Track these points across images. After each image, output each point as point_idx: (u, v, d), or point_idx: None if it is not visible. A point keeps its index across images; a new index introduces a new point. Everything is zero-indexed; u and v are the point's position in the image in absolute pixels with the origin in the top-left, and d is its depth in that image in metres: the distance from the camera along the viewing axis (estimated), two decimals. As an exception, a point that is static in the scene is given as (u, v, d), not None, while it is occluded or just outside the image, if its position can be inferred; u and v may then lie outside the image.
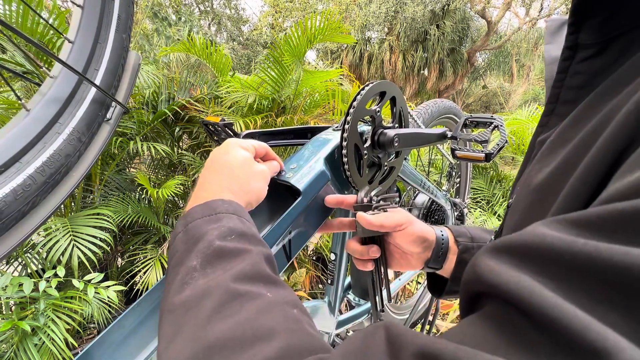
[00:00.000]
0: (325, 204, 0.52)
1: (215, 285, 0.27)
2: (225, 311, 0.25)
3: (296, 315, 0.26)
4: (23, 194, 0.44)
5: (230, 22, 10.34)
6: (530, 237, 0.18)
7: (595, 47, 0.27)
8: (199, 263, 0.29)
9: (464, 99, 11.06)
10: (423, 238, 0.50)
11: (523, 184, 0.30)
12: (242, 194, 0.39)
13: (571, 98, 0.29)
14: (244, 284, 0.27)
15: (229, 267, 0.29)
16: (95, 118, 0.54)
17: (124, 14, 0.58)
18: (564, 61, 0.29)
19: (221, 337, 0.23)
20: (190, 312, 0.26)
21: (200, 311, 0.25)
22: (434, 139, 0.60)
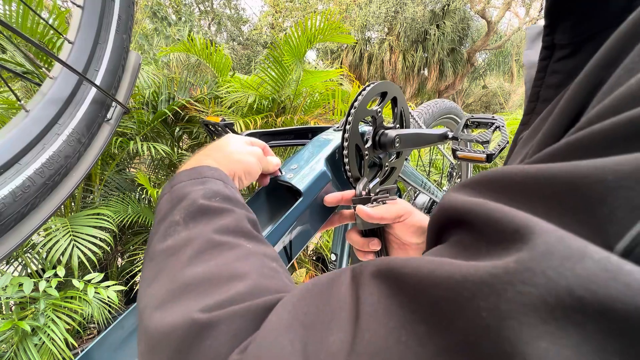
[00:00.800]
0: (325, 204, 0.52)
1: (196, 235, 0.28)
2: (204, 256, 0.26)
3: (274, 267, 0.27)
4: (22, 195, 0.44)
5: (230, 22, 10.33)
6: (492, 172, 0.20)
7: (569, 47, 0.28)
8: (182, 218, 0.30)
9: (464, 99, 11.06)
10: (423, 229, 0.51)
11: None
12: (229, 163, 0.41)
13: (550, 96, 0.30)
14: (225, 235, 0.28)
15: (211, 223, 0.30)
16: (95, 118, 0.54)
17: (124, 15, 0.58)
18: (542, 61, 0.31)
19: (197, 277, 0.24)
20: (170, 258, 0.27)
21: (180, 256, 0.26)
22: (435, 140, 0.60)
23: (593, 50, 0.26)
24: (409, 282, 0.16)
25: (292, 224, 0.48)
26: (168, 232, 0.29)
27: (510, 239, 0.14)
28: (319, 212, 0.52)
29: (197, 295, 0.23)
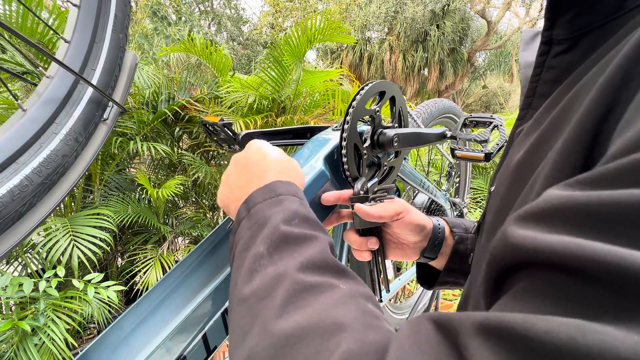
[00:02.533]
0: (322, 202, 0.51)
1: (284, 273, 0.26)
2: (298, 302, 0.24)
3: (372, 310, 0.25)
4: (20, 194, 0.44)
5: (230, 22, 10.34)
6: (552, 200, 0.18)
7: (567, 42, 0.29)
8: (265, 249, 0.29)
9: (464, 99, 11.06)
10: (421, 226, 0.51)
11: (503, 170, 0.32)
12: (294, 176, 0.39)
13: (546, 92, 0.31)
14: (313, 273, 0.27)
15: (296, 254, 0.28)
16: (92, 118, 0.54)
17: (121, 14, 0.58)
18: (540, 56, 0.32)
19: (297, 327, 0.22)
20: (262, 301, 0.25)
21: (273, 301, 0.24)
22: (433, 139, 0.60)
23: (588, 46, 0.28)
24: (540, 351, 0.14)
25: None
26: (254, 267, 0.28)
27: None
28: (317, 211, 0.52)
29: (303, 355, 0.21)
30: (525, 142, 0.29)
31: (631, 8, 0.25)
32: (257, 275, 0.27)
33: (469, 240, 0.53)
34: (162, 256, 2.07)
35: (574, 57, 0.29)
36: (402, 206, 0.50)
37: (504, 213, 0.29)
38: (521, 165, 0.28)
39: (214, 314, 0.40)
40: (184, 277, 0.41)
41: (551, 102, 0.29)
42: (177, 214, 2.62)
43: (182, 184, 2.25)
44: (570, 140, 0.22)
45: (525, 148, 0.28)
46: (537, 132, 0.27)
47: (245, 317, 0.25)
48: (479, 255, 0.35)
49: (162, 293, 0.40)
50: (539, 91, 0.32)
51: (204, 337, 0.39)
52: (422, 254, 0.53)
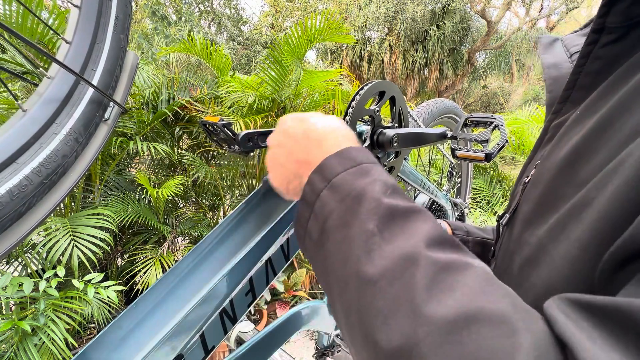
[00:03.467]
0: None
1: (413, 251, 0.24)
2: (442, 284, 0.22)
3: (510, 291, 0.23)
4: (19, 194, 0.44)
5: (230, 22, 10.34)
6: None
7: (618, 31, 0.29)
8: (375, 226, 0.26)
9: (464, 99, 11.06)
10: None
11: (544, 160, 0.32)
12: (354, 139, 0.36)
13: (588, 83, 0.31)
14: (441, 251, 0.25)
15: (412, 231, 0.26)
16: (92, 118, 0.54)
17: (122, 15, 0.58)
18: (588, 45, 0.31)
19: (459, 313, 0.20)
20: (397, 283, 0.23)
21: (413, 283, 0.22)
22: (434, 139, 0.60)
23: (637, 38, 0.28)
24: None
25: (289, 223, 0.48)
26: (368, 246, 0.26)
27: None
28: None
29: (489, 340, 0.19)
30: (576, 130, 0.29)
31: None
32: (376, 255, 0.25)
33: (470, 243, 0.53)
34: (162, 256, 2.07)
35: (622, 48, 0.29)
36: None
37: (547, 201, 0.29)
38: (575, 151, 0.28)
39: (212, 313, 0.40)
40: (183, 277, 0.41)
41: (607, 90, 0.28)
42: (177, 214, 2.62)
43: (182, 184, 2.25)
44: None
45: (580, 135, 0.28)
46: (594, 119, 0.27)
47: (380, 300, 0.23)
48: (511, 245, 0.34)
49: (161, 293, 0.40)
50: (580, 83, 0.32)
51: (202, 337, 0.39)
52: None
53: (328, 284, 0.29)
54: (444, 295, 0.22)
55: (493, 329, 0.19)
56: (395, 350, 0.21)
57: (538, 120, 3.32)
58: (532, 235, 0.29)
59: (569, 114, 0.33)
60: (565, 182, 0.27)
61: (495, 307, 0.20)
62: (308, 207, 0.32)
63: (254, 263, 0.44)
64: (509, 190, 3.59)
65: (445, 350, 0.19)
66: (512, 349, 0.18)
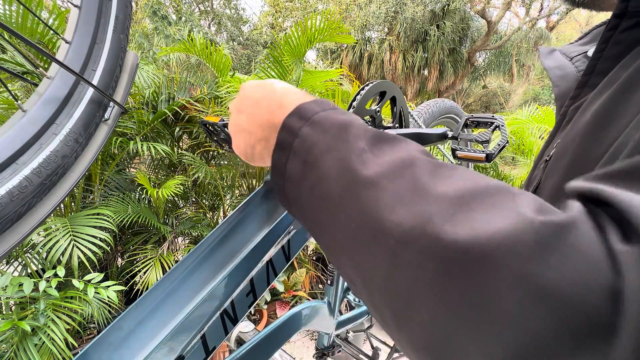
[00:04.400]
0: None
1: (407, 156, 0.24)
2: (443, 174, 0.22)
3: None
4: (19, 195, 0.43)
5: (230, 22, 10.33)
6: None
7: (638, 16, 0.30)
8: (365, 145, 0.26)
9: (464, 99, 11.06)
10: None
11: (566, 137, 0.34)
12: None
13: (607, 68, 0.32)
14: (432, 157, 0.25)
15: (401, 147, 0.26)
16: (92, 119, 0.54)
17: (122, 15, 0.58)
18: (609, 31, 0.32)
19: (463, 188, 0.20)
20: (397, 180, 0.22)
21: (414, 177, 0.22)
22: (434, 139, 0.60)
23: None
24: None
25: (290, 223, 0.47)
26: (361, 158, 0.25)
27: None
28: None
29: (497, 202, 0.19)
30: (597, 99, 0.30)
31: None
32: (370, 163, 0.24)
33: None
34: (162, 256, 2.07)
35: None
36: None
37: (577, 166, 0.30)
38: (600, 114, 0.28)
39: (213, 314, 0.40)
40: (184, 278, 0.41)
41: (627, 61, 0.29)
42: (177, 214, 2.62)
43: (182, 184, 2.24)
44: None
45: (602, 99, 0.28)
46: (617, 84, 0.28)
47: (383, 197, 0.22)
48: None
49: (161, 293, 0.39)
50: (599, 68, 0.33)
51: (202, 338, 0.39)
52: None
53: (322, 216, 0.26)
54: (446, 180, 0.22)
55: (497, 197, 0.20)
56: (407, 232, 0.20)
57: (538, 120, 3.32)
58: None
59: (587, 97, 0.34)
60: (596, 143, 0.28)
61: (496, 184, 0.21)
62: (284, 150, 0.30)
63: (255, 264, 0.44)
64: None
65: (457, 218, 0.19)
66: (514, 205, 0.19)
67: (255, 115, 0.34)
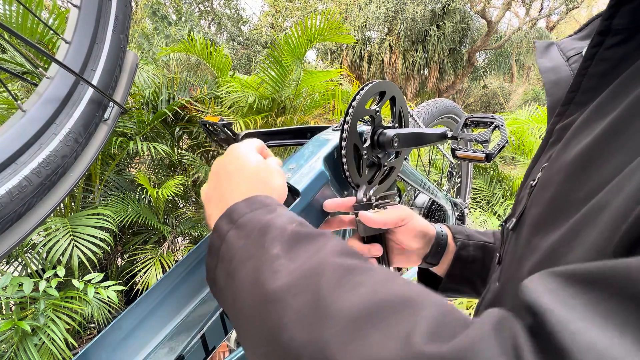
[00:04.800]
0: (324, 209, 0.51)
1: (318, 263, 0.24)
2: (348, 283, 0.22)
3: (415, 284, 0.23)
4: (19, 195, 0.43)
5: (230, 22, 10.34)
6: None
7: (624, 33, 0.29)
8: (280, 250, 0.27)
9: (464, 99, 11.06)
10: (424, 233, 0.52)
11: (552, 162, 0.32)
12: (269, 192, 0.37)
13: (593, 85, 0.31)
14: (349, 258, 0.25)
15: (317, 249, 0.26)
16: (92, 119, 0.54)
17: (122, 14, 0.58)
18: (593, 48, 0.31)
19: (363, 306, 0.20)
20: (302, 294, 0.23)
21: (318, 290, 0.23)
22: (434, 139, 0.60)
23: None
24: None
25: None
26: (274, 268, 0.26)
27: None
28: (317, 211, 0.52)
29: (392, 325, 0.19)
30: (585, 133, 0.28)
31: None
32: (282, 274, 0.25)
33: (471, 247, 0.53)
34: (162, 256, 2.07)
35: (627, 50, 0.28)
36: (405, 212, 0.50)
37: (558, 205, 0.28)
38: (586, 155, 0.27)
39: (213, 314, 0.40)
40: (184, 277, 0.41)
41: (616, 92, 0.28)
42: (177, 214, 2.62)
43: (182, 184, 2.24)
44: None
45: (591, 138, 0.27)
46: (605, 122, 0.26)
47: (286, 315, 0.23)
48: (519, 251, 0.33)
49: (161, 293, 0.39)
50: (585, 85, 0.32)
51: (202, 338, 0.39)
52: (424, 259, 0.54)
53: (240, 331, 0.28)
54: (351, 292, 0.22)
55: (397, 316, 0.20)
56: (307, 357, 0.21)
57: (538, 121, 3.32)
58: (542, 240, 0.29)
59: (574, 116, 0.32)
60: (577, 186, 0.27)
61: (403, 296, 0.21)
62: (214, 256, 0.32)
63: (254, 263, 0.44)
64: (508, 190, 3.58)
65: (354, 348, 0.19)
66: (410, 329, 0.18)
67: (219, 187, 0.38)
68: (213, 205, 0.37)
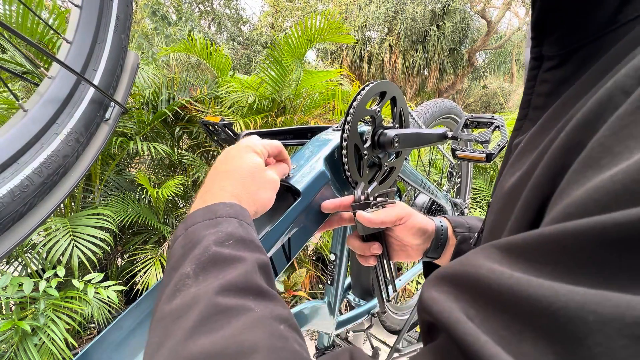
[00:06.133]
0: (322, 211, 0.51)
1: (202, 294, 0.26)
2: (210, 324, 0.24)
3: (283, 332, 0.25)
4: (20, 195, 0.44)
5: (230, 22, 10.33)
6: (469, 267, 0.19)
7: (557, 58, 0.28)
8: (192, 270, 0.29)
9: (464, 99, 11.06)
10: (423, 229, 0.52)
11: (499, 186, 0.32)
12: (250, 202, 0.38)
13: (540, 104, 0.30)
14: (231, 296, 0.27)
15: (221, 276, 0.28)
16: (93, 118, 0.54)
17: (123, 14, 0.58)
18: (532, 70, 0.31)
19: (203, 352, 0.22)
20: (177, 321, 0.25)
21: (187, 322, 0.25)
22: (434, 139, 0.60)
23: (581, 61, 0.27)
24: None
25: (290, 224, 0.47)
26: (178, 286, 0.28)
27: None
28: (317, 212, 0.52)
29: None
30: (520, 164, 0.28)
31: (624, 22, 0.24)
32: (179, 295, 0.27)
33: (473, 240, 0.52)
34: (162, 256, 2.07)
35: (567, 72, 0.28)
36: (403, 210, 0.50)
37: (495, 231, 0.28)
38: (513, 190, 0.27)
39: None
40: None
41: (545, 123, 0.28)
42: (177, 214, 2.62)
43: (182, 184, 2.24)
44: (535, 183, 0.22)
45: (519, 173, 0.27)
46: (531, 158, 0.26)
47: (158, 335, 0.25)
48: None
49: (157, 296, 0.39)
50: (534, 103, 0.31)
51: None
52: (425, 254, 0.54)
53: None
54: (204, 335, 0.23)
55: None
56: None
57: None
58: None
59: (528, 132, 0.31)
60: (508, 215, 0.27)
61: (244, 345, 0.23)
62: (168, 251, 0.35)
63: (255, 263, 0.44)
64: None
65: None
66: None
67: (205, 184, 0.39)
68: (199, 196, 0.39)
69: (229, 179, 0.39)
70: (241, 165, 0.40)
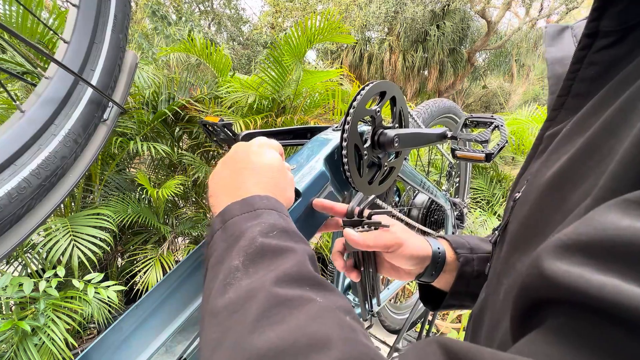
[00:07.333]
0: (313, 206, 0.50)
1: (259, 286, 0.25)
2: (273, 317, 0.23)
3: (351, 323, 0.24)
4: (18, 196, 0.43)
5: (230, 22, 10.33)
6: (606, 229, 0.16)
7: (614, 35, 0.26)
8: (241, 262, 0.28)
9: (464, 99, 11.05)
10: (418, 257, 0.48)
11: (533, 177, 0.30)
12: (281, 198, 0.38)
13: (583, 90, 0.28)
14: (289, 287, 0.26)
15: (273, 267, 0.27)
16: (91, 119, 0.53)
17: (121, 14, 0.57)
18: (581, 50, 0.28)
19: (272, 346, 0.21)
20: (234, 315, 0.24)
21: (246, 315, 0.23)
22: (434, 139, 0.60)
23: (637, 40, 0.25)
24: None
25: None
26: (228, 280, 0.27)
27: None
28: (317, 213, 0.52)
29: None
30: (566, 147, 0.26)
31: None
32: (231, 289, 0.26)
33: (475, 261, 0.49)
34: (162, 256, 2.07)
35: (619, 52, 0.26)
36: (395, 239, 0.46)
37: (534, 224, 0.26)
38: (562, 174, 0.25)
39: (213, 315, 0.40)
40: (185, 278, 0.41)
41: (599, 103, 0.25)
42: (177, 214, 2.62)
43: (182, 184, 2.24)
44: (635, 146, 0.18)
45: (568, 155, 0.25)
46: (583, 138, 0.24)
47: (216, 331, 0.24)
48: (499, 266, 0.32)
49: (162, 294, 0.39)
50: (575, 90, 0.29)
51: (204, 339, 0.39)
52: (417, 278, 0.51)
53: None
54: (269, 328, 0.22)
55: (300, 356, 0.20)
56: None
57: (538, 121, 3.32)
58: (518, 261, 0.27)
59: (563, 123, 0.30)
60: (552, 206, 0.25)
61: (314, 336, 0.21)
62: (206, 247, 0.34)
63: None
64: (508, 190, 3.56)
65: None
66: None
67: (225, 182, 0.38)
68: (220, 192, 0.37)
69: (258, 174, 0.38)
70: (269, 162, 0.39)
